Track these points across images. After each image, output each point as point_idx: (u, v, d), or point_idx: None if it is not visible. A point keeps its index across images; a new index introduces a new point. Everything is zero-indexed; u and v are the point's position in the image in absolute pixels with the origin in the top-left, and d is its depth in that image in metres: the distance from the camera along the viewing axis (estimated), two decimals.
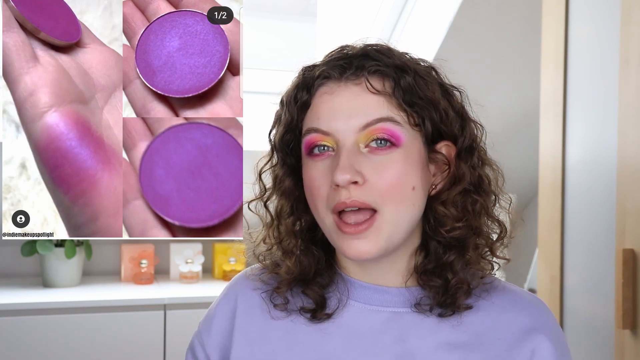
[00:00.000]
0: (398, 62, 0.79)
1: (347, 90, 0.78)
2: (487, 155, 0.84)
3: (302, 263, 0.83)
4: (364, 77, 0.78)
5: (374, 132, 0.76)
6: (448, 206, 0.80)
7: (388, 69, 0.78)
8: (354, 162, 0.76)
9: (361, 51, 0.80)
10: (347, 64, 0.79)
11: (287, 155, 0.84)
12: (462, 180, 0.80)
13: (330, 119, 0.77)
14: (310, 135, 0.79)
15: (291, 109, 0.81)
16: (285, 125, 0.82)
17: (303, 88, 0.81)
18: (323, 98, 0.79)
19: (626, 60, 1.34)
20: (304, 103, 0.80)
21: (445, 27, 2.15)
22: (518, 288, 0.85)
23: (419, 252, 0.82)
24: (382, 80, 0.78)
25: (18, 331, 1.93)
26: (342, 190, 0.75)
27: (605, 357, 1.41)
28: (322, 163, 0.78)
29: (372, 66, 0.78)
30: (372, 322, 0.81)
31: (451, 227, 0.79)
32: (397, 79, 0.78)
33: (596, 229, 1.46)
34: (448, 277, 0.80)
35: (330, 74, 0.79)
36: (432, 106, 0.78)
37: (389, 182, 0.76)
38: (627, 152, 1.34)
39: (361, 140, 0.77)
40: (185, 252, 2.34)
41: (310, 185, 0.79)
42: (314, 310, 0.82)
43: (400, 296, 0.82)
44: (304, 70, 0.82)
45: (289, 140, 0.83)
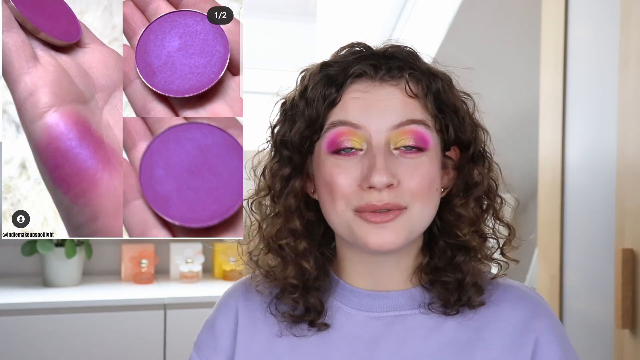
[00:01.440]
0: (428, 67, 0.80)
1: (383, 90, 0.78)
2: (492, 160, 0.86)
3: (312, 265, 0.82)
4: (404, 78, 0.78)
5: (405, 133, 0.76)
6: (467, 210, 0.81)
7: (421, 74, 0.79)
8: (389, 164, 0.75)
9: (388, 51, 0.80)
10: (378, 63, 0.78)
11: (296, 154, 0.81)
12: (480, 185, 0.82)
13: (361, 112, 0.77)
14: (337, 128, 0.77)
15: (318, 106, 0.78)
16: (308, 122, 0.79)
17: (332, 85, 0.79)
18: (355, 94, 0.78)
19: (625, 60, 1.34)
20: (333, 101, 0.78)
21: (445, 27, 2.15)
22: (513, 281, 0.86)
23: (424, 252, 0.83)
24: (416, 83, 0.79)
25: (18, 331, 1.93)
26: (374, 192, 0.75)
27: (605, 357, 1.41)
28: (347, 161, 0.77)
29: (409, 69, 0.79)
30: (375, 329, 0.81)
31: (467, 230, 0.81)
32: (429, 84, 0.78)
33: (595, 229, 1.46)
34: (457, 277, 0.80)
35: (365, 72, 0.78)
36: (454, 113, 0.80)
37: (421, 183, 0.76)
38: (626, 152, 1.34)
39: (392, 139, 0.76)
40: (185, 252, 2.34)
41: (331, 181, 0.77)
42: (312, 318, 0.82)
43: (401, 299, 0.82)
44: (326, 66, 0.80)
45: (307, 137, 0.80)
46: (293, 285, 0.82)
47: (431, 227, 0.82)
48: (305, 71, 0.82)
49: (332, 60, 0.81)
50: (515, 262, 0.85)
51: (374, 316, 0.81)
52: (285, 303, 0.83)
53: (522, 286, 0.85)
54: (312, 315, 0.82)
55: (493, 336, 0.79)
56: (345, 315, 0.82)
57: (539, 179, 1.68)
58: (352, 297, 0.83)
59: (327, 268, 0.85)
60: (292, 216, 0.82)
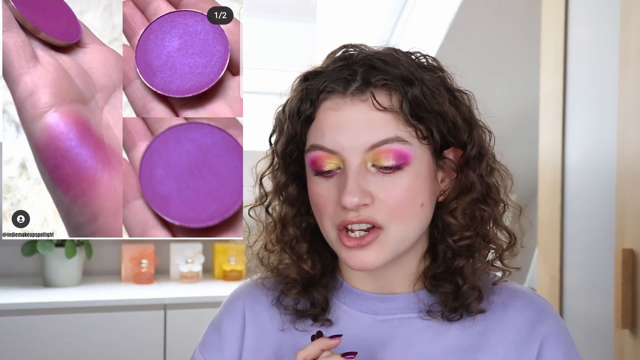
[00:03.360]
0: (405, 73, 0.76)
1: (353, 106, 0.75)
2: (497, 162, 0.83)
3: (312, 266, 0.83)
4: (370, 93, 0.75)
5: (381, 153, 0.74)
6: (457, 216, 0.79)
7: (395, 83, 0.75)
8: (361, 183, 0.74)
9: (366, 61, 0.77)
10: (351, 77, 0.76)
11: (290, 164, 0.83)
12: (472, 190, 0.79)
13: (335, 136, 0.75)
14: (316, 152, 0.77)
15: (294, 123, 0.79)
16: (288, 138, 0.81)
17: (307, 100, 0.78)
18: (327, 113, 0.77)
19: (625, 60, 1.34)
20: (308, 117, 0.78)
21: (445, 27, 2.15)
22: (519, 285, 0.86)
23: (427, 256, 0.82)
24: (389, 94, 0.75)
25: (18, 331, 1.93)
26: (349, 211, 0.75)
27: (605, 357, 1.41)
28: (327, 182, 0.77)
29: (379, 80, 0.75)
30: (381, 332, 0.81)
31: (460, 236, 0.79)
32: (405, 93, 0.75)
33: (595, 229, 1.46)
34: (458, 282, 0.79)
35: (333, 89, 0.77)
36: (440, 118, 0.76)
37: (398, 200, 0.75)
38: (626, 152, 1.34)
39: (368, 159, 0.75)
40: (185, 252, 2.34)
41: (316, 201, 0.78)
42: (316, 313, 0.82)
43: (407, 302, 0.81)
44: (306, 77, 0.80)
45: (292, 151, 0.81)
46: (296, 281, 0.83)
47: (434, 231, 0.82)
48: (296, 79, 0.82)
49: (314, 71, 0.80)
50: (516, 270, 0.84)
51: (380, 319, 0.81)
52: (290, 297, 0.84)
53: (529, 291, 0.84)
54: (317, 310, 0.82)
55: (498, 341, 0.79)
56: (351, 318, 0.82)
57: (539, 179, 1.68)
58: (358, 300, 0.83)
59: (333, 267, 0.85)
60: (289, 222, 0.83)
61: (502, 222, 0.82)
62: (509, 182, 0.83)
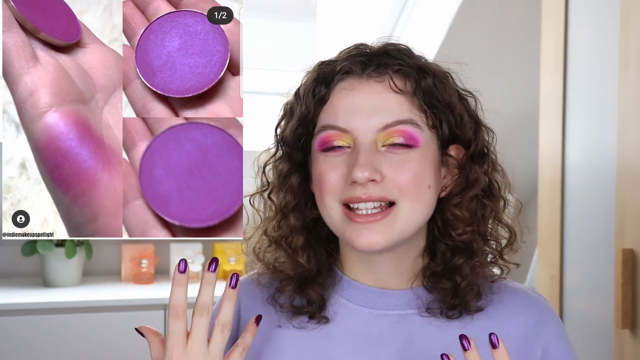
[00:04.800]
0: (419, 63, 0.79)
1: (369, 87, 0.78)
2: (497, 161, 0.84)
3: (307, 260, 0.83)
4: (388, 75, 0.77)
5: (392, 133, 0.76)
6: (461, 209, 0.80)
7: (410, 69, 0.78)
8: (372, 160, 0.75)
9: (382, 49, 0.80)
10: (368, 61, 0.79)
11: (295, 151, 0.83)
12: (476, 184, 0.80)
13: (349, 116, 0.77)
14: (327, 132, 0.78)
15: (308, 102, 0.80)
16: (300, 119, 0.81)
17: (322, 82, 0.80)
18: (342, 94, 0.78)
19: (625, 60, 1.34)
20: (322, 98, 0.80)
21: (445, 27, 2.15)
22: (520, 285, 0.86)
23: (425, 254, 0.83)
24: (404, 80, 0.78)
25: (18, 331, 1.93)
26: (358, 187, 0.75)
27: (605, 357, 1.41)
28: (335, 158, 0.78)
29: (395, 65, 0.78)
30: (380, 327, 0.81)
31: (462, 230, 0.80)
32: (419, 80, 0.78)
33: (596, 229, 1.46)
34: (457, 280, 0.80)
35: (351, 69, 0.79)
36: (449, 110, 0.79)
37: (408, 178, 0.76)
38: (626, 152, 1.34)
39: (380, 139, 0.76)
40: (185, 252, 2.34)
41: (320, 177, 0.78)
42: (312, 311, 0.82)
43: (406, 298, 0.82)
44: (321, 64, 0.81)
45: (300, 135, 0.82)
46: (291, 277, 0.83)
47: (433, 229, 0.82)
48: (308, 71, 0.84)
49: (329, 60, 0.82)
50: (515, 266, 0.85)
51: (378, 314, 0.81)
52: (285, 294, 0.84)
53: (531, 291, 0.84)
54: (313, 307, 0.82)
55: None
56: (349, 312, 0.82)
57: (539, 179, 1.68)
58: (357, 294, 0.83)
59: (330, 264, 0.85)
60: (290, 212, 0.84)
61: (502, 218, 0.83)
62: (508, 185, 0.85)
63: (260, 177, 0.86)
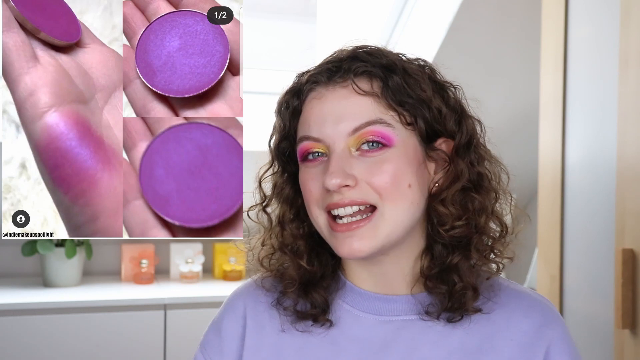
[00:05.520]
0: (385, 62, 0.78)
1: (335, 93, 0.78)
2: (489, 152, 0.83)
3: (310, 263, 0.83)
4: (350, 79, 0.77)
5: (363, 135, 0.76)
6: (447, 204, 0.79)
7: (375, 69, 0.78)
8: (344, 166, 0.76)
9: (351, 54, 0.80)
10: (335, 68, 0.79)
11: (286, 164, 0.85)
12: (460, 178, 0.79)
13: (319, 124, 0.78)
14: (303, 143, 0.79)
15: (283, 117, 0.82)
16: (280, 133, 0.83)
17: (294, 95, 0.81)
18: (312, 104, 0.79)
19: (625, 60, 1.34)
20: (295, 109, 0.81)
21: (445, 27, 2.15)
22: (523, 287, 0.85)
23: (425, 255, 0.82)
24: (369, 81, 0.78)
25: (18, 331, 1.93)
26: (334, 193, 0.76)
27: (605, 357, 1.41)
28: (314, 167, 0.79)
29: (359, 67, 0.78)
30: (383, 333, 0.80)
31: (450, 225, 0.78)
32: (385, 79, 0.77)
33: (596, 229, 1.46)
34: (454, 280, 0.79)
35: (318, 79, 0.79)
36: (424, 104, 0.78)
37: (384, 179, 0.75)
38: (626, 151, 1.34)
39: (352, 144, 0.76)
40: (185, 252, 2.34)
41: (304, 188, 0.80)
42: (316, 314, 0.82)
43: (408, 304, 0.81)
44: (298, 76, 0.83)
45: (285, 148, 0.84)
46: (294, 279, 0.83)
47: (430, 228, 0.82)
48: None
49: (304, 71, 0.83)
50: (509, 260, 0.84)
51: (383, 320, 0.81)
52: (290, 298, 0.84)
53: (532, 292, 0.84)
54: (317, 310, 0.82)
55: (503, 344, 0.79)
56: (353, 318, 0.82)
57: (539, 179, 1.68)
58: (360, 300, 0.83)
59: (335, 268, 0.85)
60: (288, 223, 0.85)
61: (494, 211, 0.82)
62: (504, 175, 0.83)
63: (259, 191, 0.87)
